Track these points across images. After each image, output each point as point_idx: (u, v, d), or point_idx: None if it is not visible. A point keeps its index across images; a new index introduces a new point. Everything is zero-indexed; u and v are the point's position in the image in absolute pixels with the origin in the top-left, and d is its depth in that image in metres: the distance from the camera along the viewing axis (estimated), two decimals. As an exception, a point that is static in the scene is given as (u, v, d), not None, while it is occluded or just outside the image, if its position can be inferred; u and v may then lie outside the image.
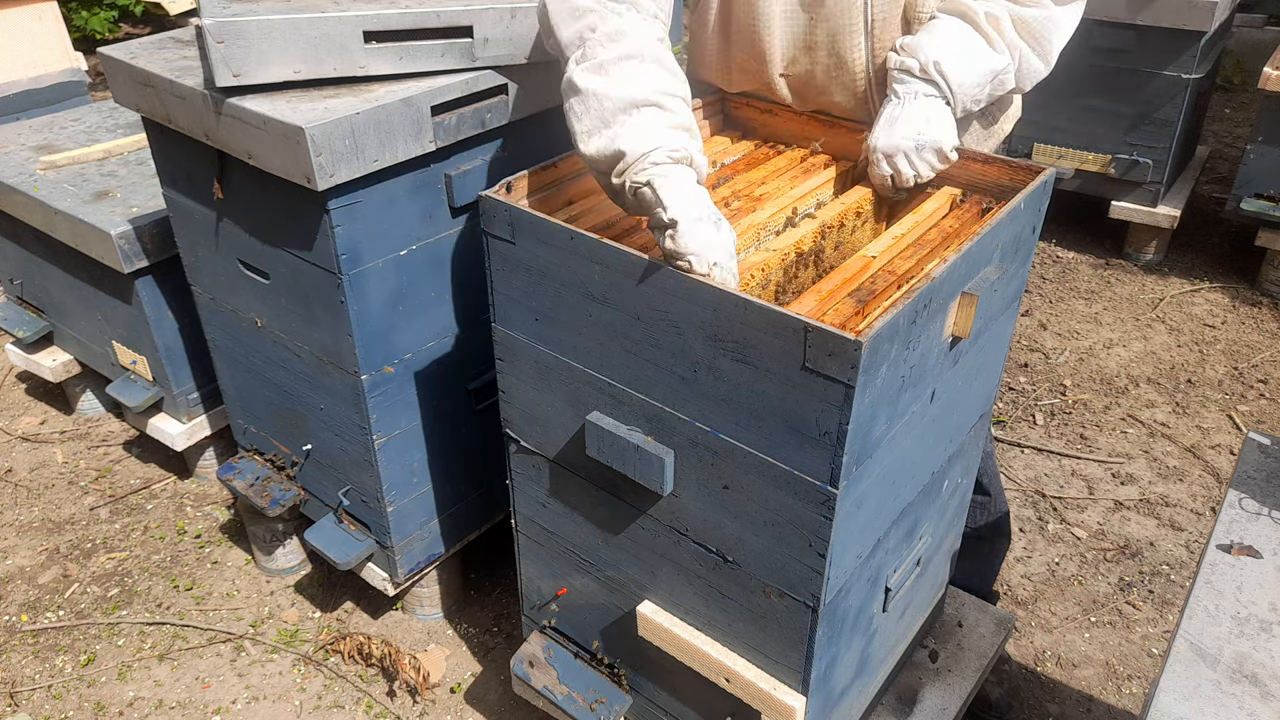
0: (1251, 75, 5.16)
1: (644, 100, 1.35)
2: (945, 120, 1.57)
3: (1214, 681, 1.11)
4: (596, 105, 1.37)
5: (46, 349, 2.98)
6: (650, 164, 1.33)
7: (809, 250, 1.53)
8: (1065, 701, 2.23)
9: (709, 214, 1.30)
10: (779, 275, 1.48)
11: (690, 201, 1.30)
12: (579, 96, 1.39)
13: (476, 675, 2.27)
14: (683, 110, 1.39)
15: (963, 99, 1.59)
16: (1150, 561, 2.58)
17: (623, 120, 1.35)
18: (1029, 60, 1.62)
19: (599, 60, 1.38)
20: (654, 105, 1.36)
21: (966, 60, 1.57)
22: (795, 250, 1.50)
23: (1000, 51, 1.59)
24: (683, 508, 1.46)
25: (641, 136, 1.33)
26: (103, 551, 2.62)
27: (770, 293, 1.48)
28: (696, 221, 1.28)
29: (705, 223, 1.28)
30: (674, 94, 1.38)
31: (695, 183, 1.35)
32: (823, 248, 1.56)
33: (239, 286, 2.03)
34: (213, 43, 1.61)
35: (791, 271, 1.50)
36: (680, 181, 1.32)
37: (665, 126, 1.35)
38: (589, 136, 1.38)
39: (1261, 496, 1.37)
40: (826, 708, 1.57)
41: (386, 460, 2.00)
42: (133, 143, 2.76)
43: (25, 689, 2.24)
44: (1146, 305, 3.73)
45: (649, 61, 1.38)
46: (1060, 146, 3.86)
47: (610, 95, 1.36)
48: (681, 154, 1.34)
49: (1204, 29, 3.45)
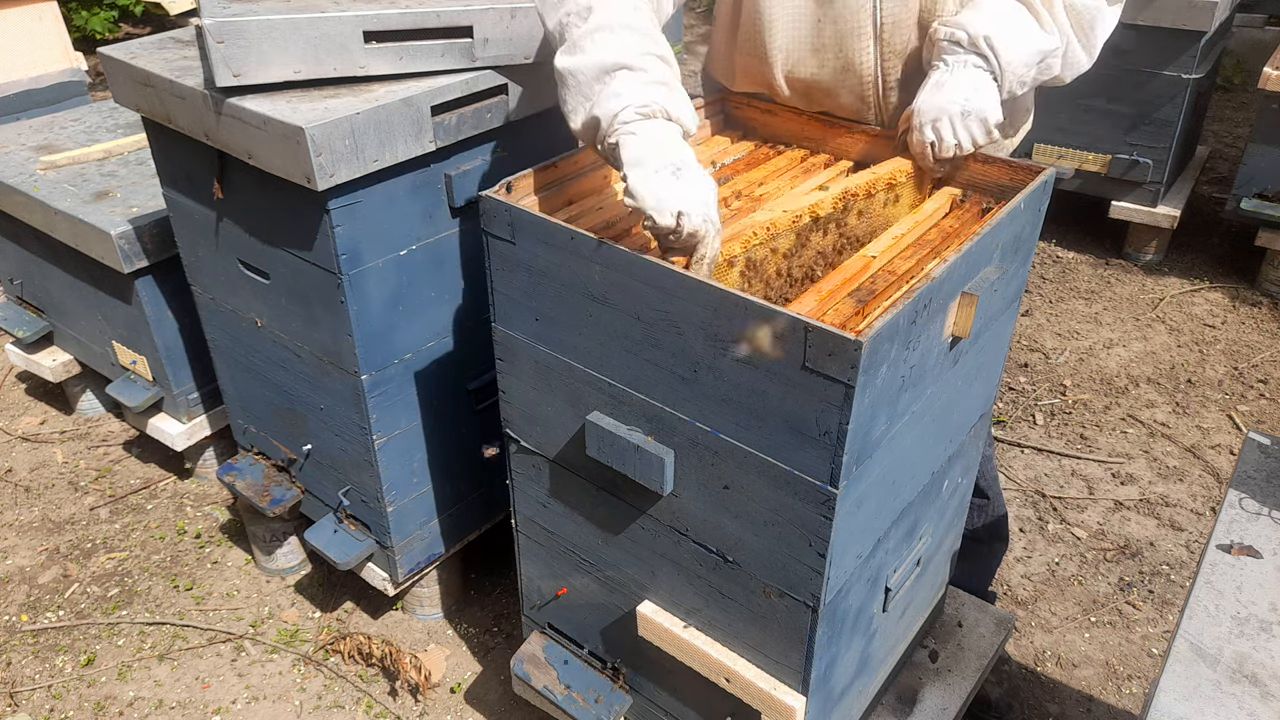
0: (1251, 75, 5.16)
1: (613, 64, 1.35)
2: (992, 93, 1.53)
3: (1214, 681, 1.11)
4: (575, 82, 1.38)
5: (46, 349, 2.98)
6: (620, 124, 1.33)
7: (826, 216, 1.49)
8: (1065, 701, 2.23)
9: (668, 164, 1.28)
10: (789, 239, 1.44)
11: (649, 153, 1.29)
12: (562, 80, 1.40)
13: (476, 675, 2.27)
14: (656, 67, 1.38)
15: (1010, 77, 1.54)
16: (1150, 561, 2.58)
17: (598, 89, 1.36)
18: (1075, 49, 1.58)
19: (573, 39, 1.40)
20: (624, 68, 1.35)
21: (1018, 37, 1.52)
22: (810, 214, 1.46)
23: (1050, 32, 1.55)
24: (683, 508, 1.46)
25: (613, 99, 1.34)
26: (103, 551, 2.62)
27: (779, 257, 1.44)
28: (653, 173, 1.27)
29: (662, 173, 1.27)
30: (647, 53, 1.38)
31: (672, 136, 1.34)
32: (845, 217, 1.52)
33: (239, 286, 2.03)
34: (213, 43, 1.61)
35: (804, 236, 1.46)
36: (646, 136, 1.31)
37: (637, 85, 1.35)
38: (574, 115, 1.39)
39: (1261, 496, 1.37)
40: (826, 708, 1.57)
41: (386, 460, 2.00)
42: (133, 143, 2.76)
43: (25, 689, 2.24)
44: (1146, 305, 3.73)
45: (619, 29, 1.38)
46: (1060, 146, 3.86)
47: (584, 68, 1.37)
48: (651, 108, 1.33)
49: (1204, 29, 3.45)
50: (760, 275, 1.44)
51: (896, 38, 1.61)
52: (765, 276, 1.45)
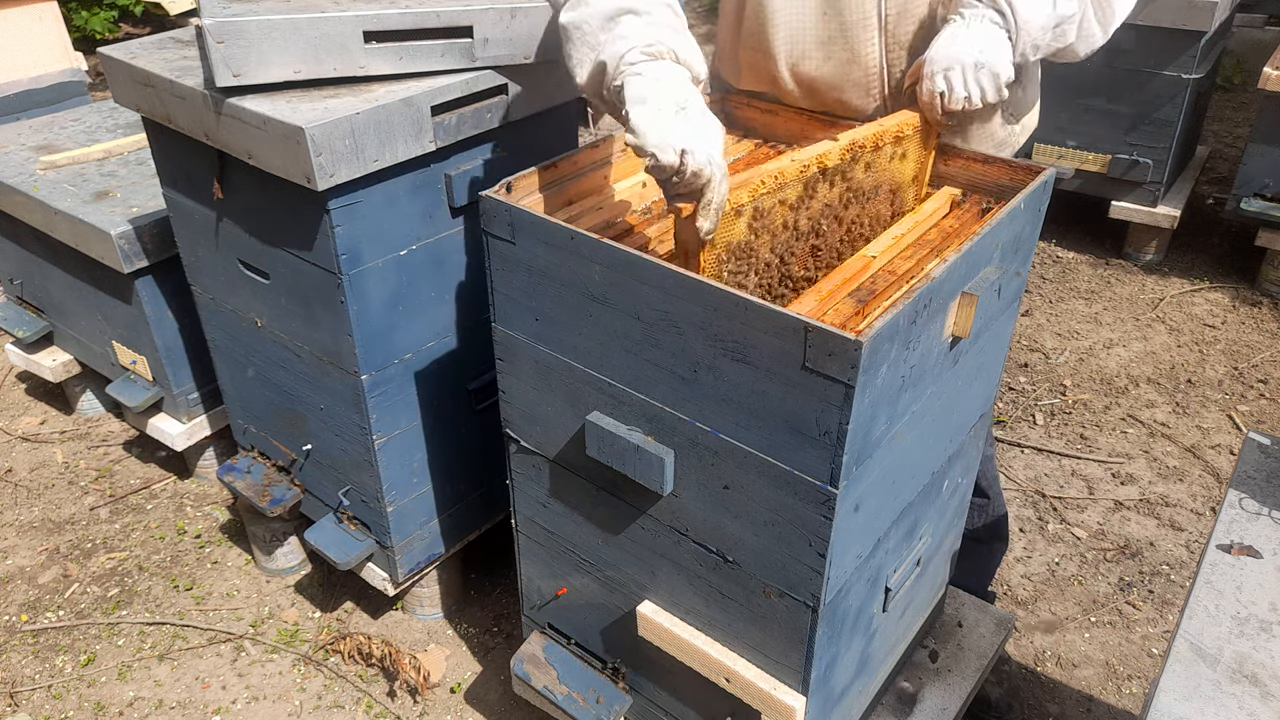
0: (1251, 75, 5.16)
1: (619, 10, 1.34)
2: (1006, 50, 1.50)
3: (1214, 681, 1.11)
4: (580, 34, 1.37)
5: (46, 349, 2.98)
6: (626, 65, 1.30)
7: (834, 168, 1.46)
8: (1065, 701, 2.23)
9: (672, 103, 1.25)
10: (797, 189, 1.41)
11: (654, 91, 1.26)
12: (567, 35, 1.39)
13: (476, 675, 2.27)
14: (661, 11, 1.36)
15: (1025, 38, 1.51)
16: (1150, 561, 2.58)
17: (604, 37, 1.34)
18: (1090, 21, 1.56)
19: None
20: (629, 12, 1.34)
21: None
22: (818, 164, 1.42)
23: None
24: (683, 508, 1.46)
25: (619, 42, 1.32)
26: (103, 551, 2.62)
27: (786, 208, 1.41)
28: (656, 110, 1.24)
29: (665, 110, 1.24)
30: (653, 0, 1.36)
31: (680, 77, 1.31)
32: (852, 169, 1.49)
33: (239, 286, 2.03)
34: (213, 43, 1.61)
35: (812, 187, 1.43)
36: (652, 75, 1.29)
37: (643, 27, 1.33)
38: (580, 67, 1.37)
39: (1261, 496, 1.37)
40: (826, 708, 1.57)
41: (386, 460, 2.00)
42: (133, 143, 2.76)
43: (25, 689, 2.24)
44: (1146, 305, 3.73)
45: None
46: (1060, 146, 3.86)
47: (589, 18, 1.35)
48: (658, 49, 1.32)
49: (1204, 29, 3.45)
50: (767, 227, 1.40)
51: (901, 29, 1.61)
52: (772, 228, 1.41)
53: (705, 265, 1.33)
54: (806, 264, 1.49)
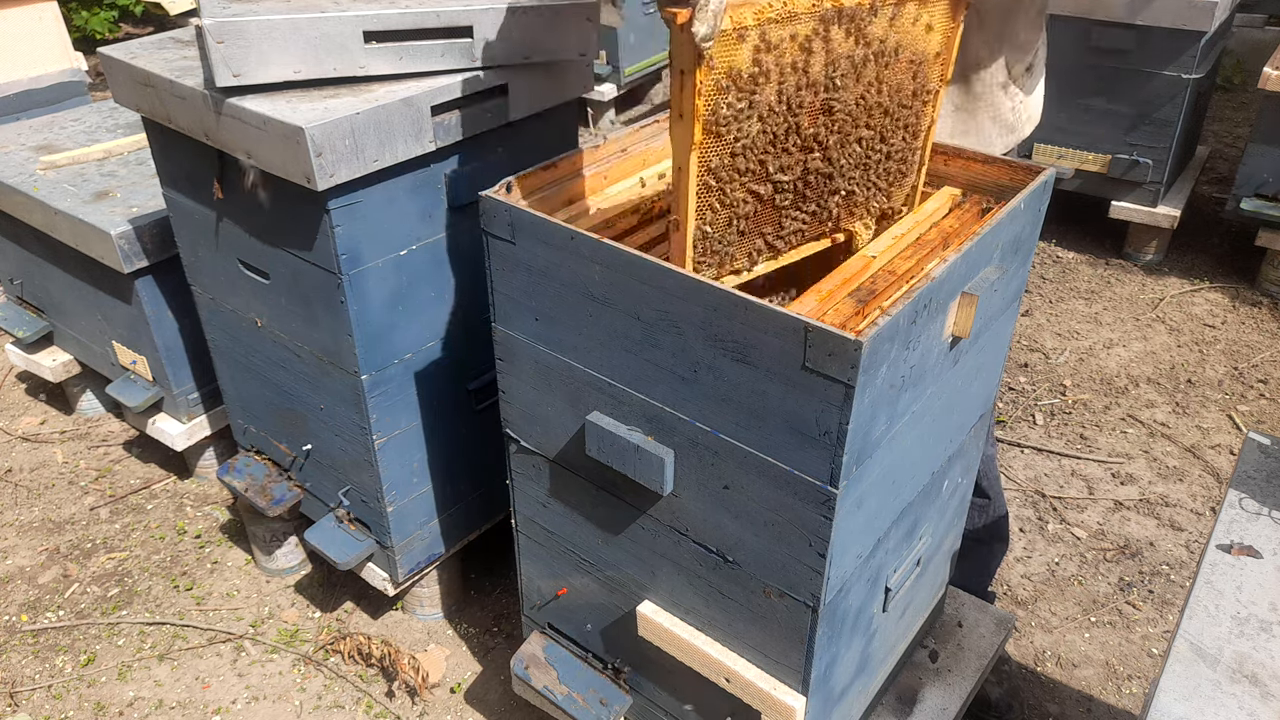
0: (1251, 75, 5.16)
1: None
2: None
3: (1214, 681, 1.11)
4: None
5: (46, 349, 2.98)
6: None
7: (852, 7, 1.31)
8: (1065, 701, 2.23)
9: None
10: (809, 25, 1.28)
11: None
12: None
13: (476, 675, 2.27)
14: None
15: None
16: (1150, 561, 2.58)
17: None
18: None
19: None
20: None
21: None
22: (834, 1, 1.29)
23: None
24: (683, 508, 1.46)
25: None
26: (103, 551, 2.62)
27: (796, 47, 1.28)
28: None
29: None
30: None
31: None
32: (872, 19, 1.35)
33: (239, 286, 2.03)
34: (213, 43, 1.61)
35: (826, 26, 1.30)
36: None
37: None
38: None
39: (1261, 496, 1.37)
40: (826, 708, 1.57)
41: (386, 460, 2.00)
42: (133, 143, 2.76)
43: (25, 689, 2.24)
44: (1146, 305, 3.73)
45: None
46: (1060, 146, 3.86)
47: None
48: None
49: (1204, 29, 3.45)
50: (777, 64, 1.28)
51: None
52: (781, 66, 1.29)
53: (702, 88, 1.21)
54: (817, 119, 1.37)
